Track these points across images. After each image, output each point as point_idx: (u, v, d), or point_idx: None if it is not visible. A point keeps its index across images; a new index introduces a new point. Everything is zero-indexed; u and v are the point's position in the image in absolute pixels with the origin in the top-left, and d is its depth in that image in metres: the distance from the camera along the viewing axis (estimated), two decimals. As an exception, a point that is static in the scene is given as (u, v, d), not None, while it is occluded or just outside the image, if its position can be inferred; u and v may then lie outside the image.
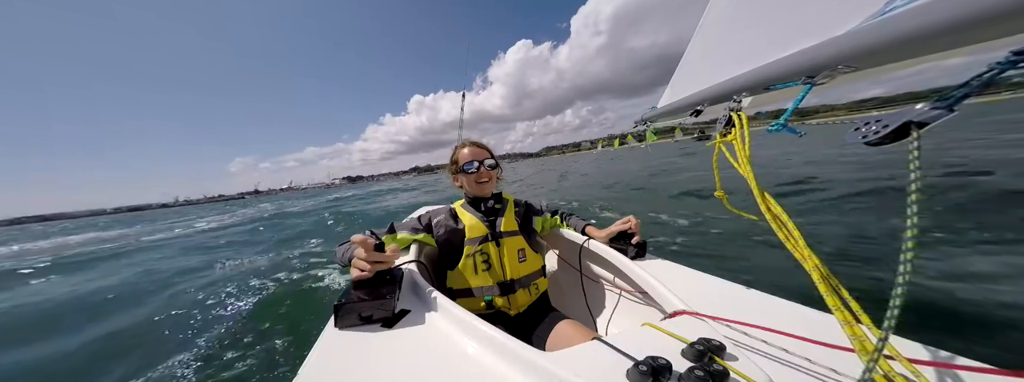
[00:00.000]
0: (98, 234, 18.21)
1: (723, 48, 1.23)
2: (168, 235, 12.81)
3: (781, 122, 0.74)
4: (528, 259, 1.35)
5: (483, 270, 1.27)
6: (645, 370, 0.52)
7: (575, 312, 1.55)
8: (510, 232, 1.34)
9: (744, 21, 1.14)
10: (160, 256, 7.94)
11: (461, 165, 1.37)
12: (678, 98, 1.40)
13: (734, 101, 0.95)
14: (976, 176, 5.00)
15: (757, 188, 0.72)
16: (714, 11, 1.33)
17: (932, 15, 0.48)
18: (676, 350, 0.62)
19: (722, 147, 0.89)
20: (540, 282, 1.39)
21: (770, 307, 0.87)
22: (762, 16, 1.04)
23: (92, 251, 10.05)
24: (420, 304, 0.94)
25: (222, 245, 8.60)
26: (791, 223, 0.66)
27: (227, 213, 25.20)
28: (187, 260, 6.84)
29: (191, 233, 12.74)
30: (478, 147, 1.41)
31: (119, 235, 15.65)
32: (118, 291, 4.94)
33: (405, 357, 0.72)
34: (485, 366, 0.68)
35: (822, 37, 0.67)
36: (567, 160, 43.40)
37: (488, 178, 1.37)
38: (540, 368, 0.62)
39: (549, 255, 1.94)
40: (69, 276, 6.71)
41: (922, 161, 0.42)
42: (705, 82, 1.14)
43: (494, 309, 1.26)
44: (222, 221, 17.08)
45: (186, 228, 15.44)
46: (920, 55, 0.55)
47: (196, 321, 3.34)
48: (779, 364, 0.65)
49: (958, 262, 2.58)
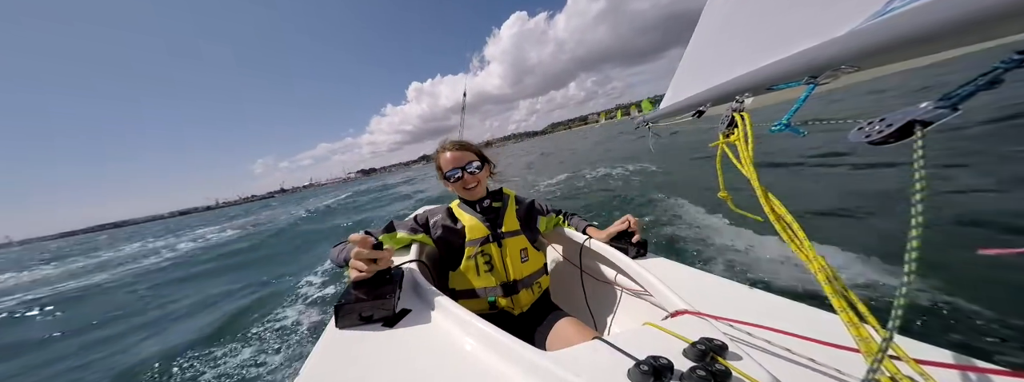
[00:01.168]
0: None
1: (724, 48, 1.23)
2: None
3: (784, 122, 0.74)
4: (531, 258, 1.34)
5: (486, 271, 1.26)
6: (647, 370, 0.52)
7: (576, 311, 1.55)
8: (512, 232, 1.33)
9: (745, 21, 1.14)
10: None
11: (445, 172, 1.34)
12: (680, 98, 1.40)
13: (737, 101, 0.95)
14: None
15: (760, 188, 0.72)
16: (714, 11, 1.33)
17: (934, 15, 0.48)
18: (678, 350, 0.62)
19: (725, 147, 0.88)
20: (542, 280, 1.39)
21: (773, 307, 0.87)
22: (763, 16, 1.04)
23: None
24: (421, 304, 0.94)
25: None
26: (796, 224, 0.66)
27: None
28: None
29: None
30: (460, 150, 1.34)
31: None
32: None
33: (406, 357, 0.72)
34: (486, 365, 0.68)
35: (824, 37, 0.67)
36: (574, 136, 41.62)
37: (475, 182, 1.33)
38: (541, 368, 0.62)
39: (550, 254, 1.93)
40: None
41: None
42: (707, 82, 1.14)
43: (498, 309, 1.26)
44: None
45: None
46: (922, 55, 0.55)
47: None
48: (782, 364, 0.64)
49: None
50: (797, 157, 6.46)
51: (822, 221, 3.83)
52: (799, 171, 5.86)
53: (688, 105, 1.25)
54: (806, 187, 4.99)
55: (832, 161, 5.90)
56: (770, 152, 7.15)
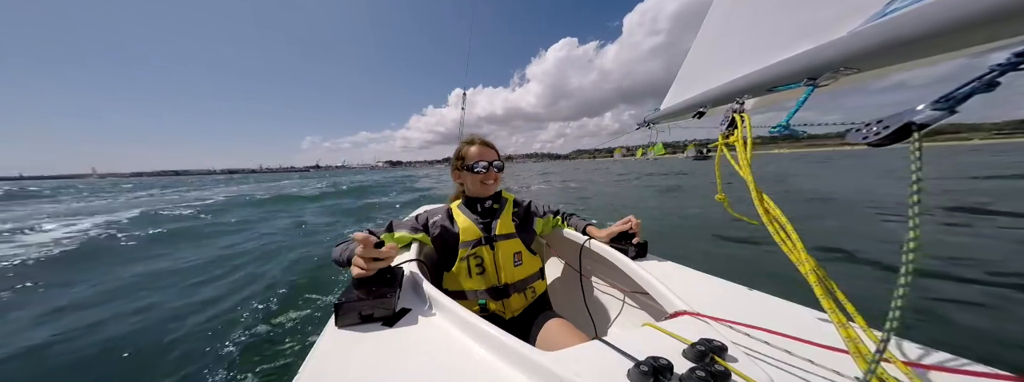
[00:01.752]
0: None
1: (726, 50, 1.23)
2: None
3: (784, 123, 0.74)
4: (524, 262, 1.32)
5: (477, 274, 1.25)
6: (646, 370, 0.52)
7: (575, 312, 1.54)
8: (506, 235, 1.31)
9: (746, 23, 1.14)
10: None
11: (468, 163, 1.32)
12: (681, 99, 1.40)
13: (737, 102, 0.95)
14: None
15: (756, 190, 0.72)
16: (717, 13, 1.33)
17: (933, 17, 0.48)
18: (677, 350, 0.62)
19: (724, 149, 0.88)
20: (537, 285, 1.36)
21: (772, 308, 0.86)
22: (764, 18, 1.04)
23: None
24: (421, 303, 0.94)
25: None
26: (789, 226, 0.66)
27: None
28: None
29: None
30: (487, 146, 1.36)
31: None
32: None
33: (406, 356, 0.72)
34: (486, 365, 0.68)
35: (824, 39, 0.67)
36: (594, 165, 42.72)
37: (494, 179, 1.35)
38: (541, 368, 0.62)
39: (550, 255, 1.93)
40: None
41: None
42: (708, 84, 1.14)
43: (488, 312, 1.25)
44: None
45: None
46: (922, 57, 0.55)
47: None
48: (781, 365, 0.64)
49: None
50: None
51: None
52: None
53: (688, 106, 1.26)
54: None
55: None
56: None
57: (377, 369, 0.68)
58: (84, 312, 3.00)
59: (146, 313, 2.95)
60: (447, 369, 0.68)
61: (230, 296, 3.31)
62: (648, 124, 1.86)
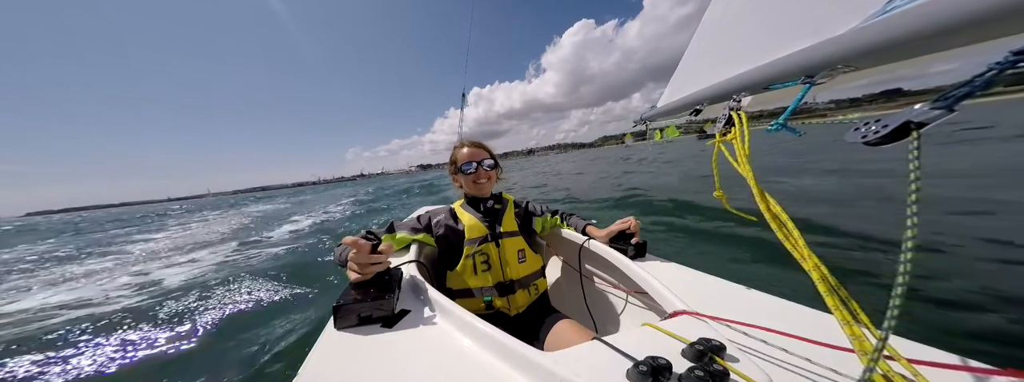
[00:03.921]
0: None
1: (723, 47, 1.23)
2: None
3: (780, 122, 0.74)
4: (528, 260, 1.35)
5: (483, 271, 1.26)
6: (645, 370, 0.52)
7: (575, 312, 1.55)
8: (510, 233, 1.34)
9: (744, 20, 1.14)
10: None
11: (459, 165, 1.38)
12: (678, 97, 1.40)
13: (734, 100, 0.94)
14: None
15: (756, 187, 0.72)
16: (715, 10, 1.33)
17: (932, 15, 0.48)
18: (676, 350, 0.62)
19: (721, 146, 0.88)
20: (539, 282, 1.39)
21: (770, 307, 0.87)
22: (762, 15, 1.04)
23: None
24: (420, 304, 0.94)
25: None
26: (791, 223, 0.66)
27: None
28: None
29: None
30: (476, 147, 1.41)
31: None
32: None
33: (405, 357, 0.72)
34: (485, 366, 0.68)
35: (822, 36, 0.67)
36: (627, 152, 40.27)
37: (487, 178, 1.38)
38: (540, 368, 0.62)
39: (549, 255, 1.93)
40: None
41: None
42: (705, 81, 1.14)
43: (493, 310, 1.26)
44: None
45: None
46: (920, 55, 0.55)
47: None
48: (779, 364, 0.65)
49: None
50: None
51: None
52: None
53: (685, 104, 1.25)
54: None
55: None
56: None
57: (376, 370, 0.68)
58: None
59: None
60: (446, 370, 0.68)
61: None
62: (644, 122, 1.86)
